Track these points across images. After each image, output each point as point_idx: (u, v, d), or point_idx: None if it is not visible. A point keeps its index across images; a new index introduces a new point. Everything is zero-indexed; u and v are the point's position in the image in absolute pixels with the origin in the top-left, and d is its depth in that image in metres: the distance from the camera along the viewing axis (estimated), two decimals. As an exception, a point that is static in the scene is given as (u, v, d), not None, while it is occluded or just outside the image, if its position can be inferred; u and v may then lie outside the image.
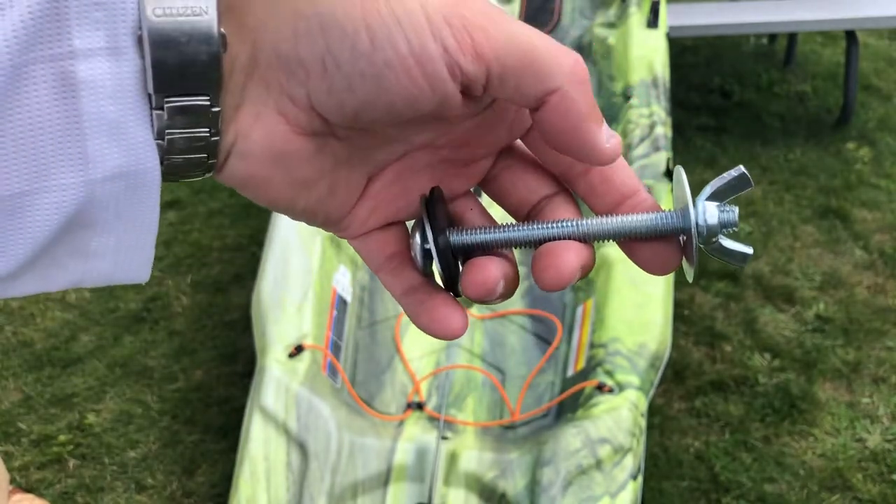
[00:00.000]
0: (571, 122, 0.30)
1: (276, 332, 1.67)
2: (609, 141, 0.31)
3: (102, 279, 0.31)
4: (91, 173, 0.27)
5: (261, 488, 1.47)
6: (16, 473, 1.93)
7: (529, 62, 0.29)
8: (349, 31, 0.28)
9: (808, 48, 4.10)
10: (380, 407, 1.69)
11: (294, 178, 0.32)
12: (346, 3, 0.28)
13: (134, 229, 0.30)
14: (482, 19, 0.28)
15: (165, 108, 0.28)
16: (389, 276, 0.36)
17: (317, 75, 0.29)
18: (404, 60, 0.28)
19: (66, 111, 0.27)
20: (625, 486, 1.46)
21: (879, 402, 2.13)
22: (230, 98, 0.29)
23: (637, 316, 1.69)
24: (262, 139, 0.30)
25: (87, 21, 0.26)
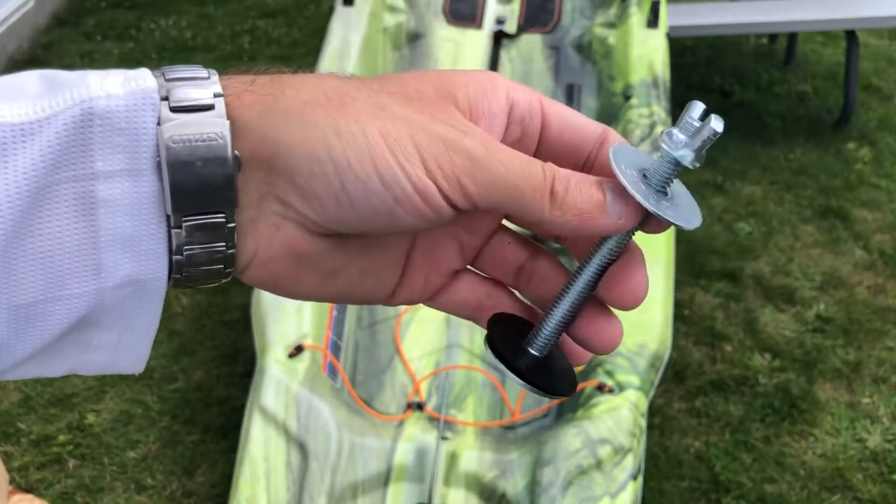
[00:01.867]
0: (570, 232, 0.33)
1: (275, 332, 1.66)
2: (619, 215, 0.33)
3: (98, 370, 0.32)
4: (103, 282, 0.30)
5: (261, 488, 1.47)
6: (15, 473, 1.92)
7: (512, 205, 0.32)
8: (362, 176, 0.30)
9: (809, 48, 4.10)
10: (380, 407, 1.68)
11: (320, 271, 0.34)
12: (355, 149, 0.30)
13: (135, 329, 0.32)
14: (469, 164, 0.31)
15: (183, 226, 0.30)
16: (495, 311, 0.38)
17: (331, 207, 0.31)
18: (412, 197, 0.31)
19: (84, 228, 0.29)
20: (625, 487, 1.46)
21: (880, 403, 2.13)
22: (248, 212, 0.31)
23: (637, 316, 1.69)
24: (284, 245, 0.32)
25: (109, 146, 0.29)
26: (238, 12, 4.58)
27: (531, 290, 0.38)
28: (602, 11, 2.53)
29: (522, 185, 0.31)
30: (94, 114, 0.28)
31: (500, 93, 0.34)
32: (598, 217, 0.32)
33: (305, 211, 0.31)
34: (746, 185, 3.07)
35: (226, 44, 4.19)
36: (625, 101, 2.20)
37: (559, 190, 0.32)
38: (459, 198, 0.31)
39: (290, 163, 0.30)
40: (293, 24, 4.44)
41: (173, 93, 0.30)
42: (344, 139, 0.30)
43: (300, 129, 0.30)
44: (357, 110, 0.31)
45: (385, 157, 0.30)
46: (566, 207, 0.32)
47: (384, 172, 0.30)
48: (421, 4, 2.52)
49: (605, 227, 0.33)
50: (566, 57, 2.45)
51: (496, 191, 0.31)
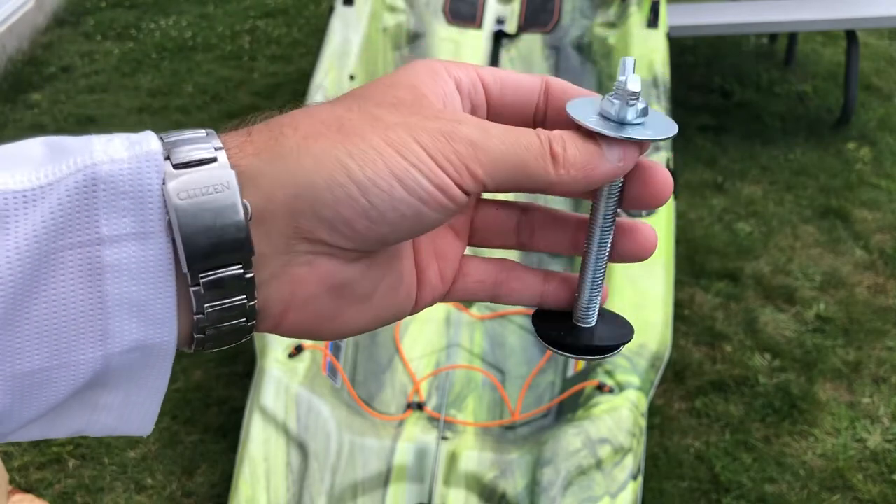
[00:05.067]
0: (579, 187, 0.34)
1: (275, 332, 1.66)
2: (618, 157, 0.34)
3: (105, 431, 0.32)
4: (110, 348, 0.29)
5: (261, 488, 1.47)
6: (15, 473, 1.92)
7: (519, 177, 0.33)
8: (386, 188, 0.31)
9: (809, 48, 4.10)
10: (380, 407, 1.68)
11: (358, 298, 0.34)
12: (370, 164, 0.31)
13: (143, 390, 0.32)
14: (472, 150, 0.32)
15: (201, 282, 0.30)
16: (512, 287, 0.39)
17: (363, 226, 0.31)
18: (434, 195, 0.31)
19: (90, 294, 0.29)
20: (625, 487, 1.46)
21: (880, 403, 2.13)
22: (276, 259, 0.32)
23: (637, 316, 1.69)
24: (320, 281, 0.33)
25: (114, 209, 0.28)
26: (238, 12, 4.58)
27: (539, 242, 0.39)
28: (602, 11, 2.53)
29: (524, 155, 0.32)
30: (97, 178, 0.28)
31: (444, 76, 0.35)
32: (600, 165, 0.33)
33: (336, 241, 0.32)
34: (746, 185, 3.07)
35: (226, 44, 4.19)
36: (625, 101, 2.20)
37: (558, 151, 0.33)
38: (471, 183, 0.32)
39: (312, 197, 0.30)
40: (293, 23, 4.44)
41: (175, 152, 0.30)
42: (358, 159, 0.30)
43: (312, 162, 0.30)
44: (357, 129, 0.31)
45: (400, 164, 0.31)
46: (569, 165, 0.33)
47: (404, 178, 0.31)
48: (421, 4, 2.52)
49: (609, 172, 0.34)
50: (566, 57, 2.45)
51: (502, 168, 0.32)
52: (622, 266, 1.77)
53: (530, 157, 0.32)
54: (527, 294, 0.39)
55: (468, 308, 1.86)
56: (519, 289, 0.39)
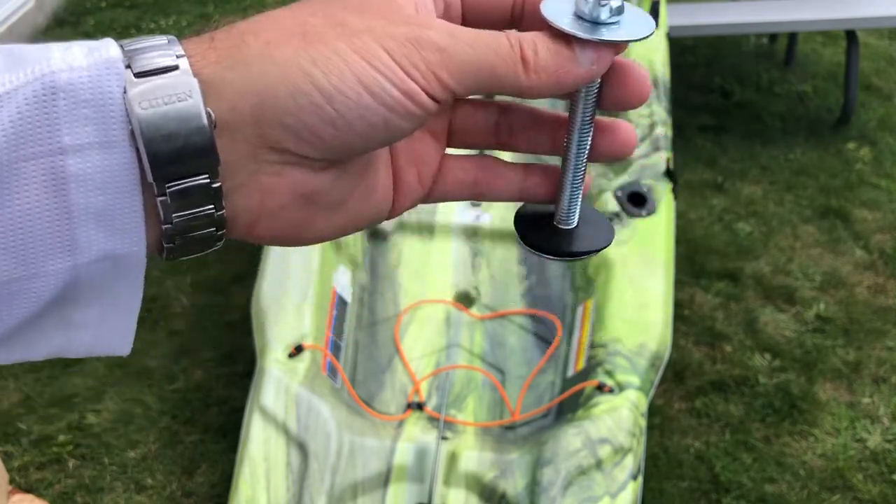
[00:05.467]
0: (551, 92, 0.33)
1: (275, 332, 1.66)
2: (591, 60, 0.33)
3: (84, 350, 0.32)
4: (78, 258, 0.29)
5: (261, 488, 1.47)
6: (15, 473, 1.92)
7: (489, 83, 0.32)
8: (352, 95, 0.30)
9: (809, 48, 4.10)
10: (380, 407, 1.68)
11: (328, 206, 0.34)
12: (336, 71, 0.30)
13: (116, 305, 0.31)
14: (440, 56, 0.31)
15: (167, 192, 0.29)
16: (493, 184, 0.38)
17: (329, 134, 0.31)
18: (401, 101, 0.31)
19: (56, 205, 0.28)
20: (625, 487, 1.46)
21: (880, 403, 2.13)
22: (245, 169, 0.31)
23: (637, 316, 1.69)
24: (289, 190, 0.32)
25: (76, 119, 0.28)
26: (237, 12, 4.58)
27: (518, 142, 0.38)
28: (602, 11, 2.53)
29: (494, 60, 0.31)
30: (57, 87, 0.27)
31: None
32: (572, 69, 0.32)
33: (303, 150, 0.31)
34: (746, 185, 3.07)
35: (226, 44, 4.19)
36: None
37: (529, 55, 0.32)
38: (439, 90, 0.31)
39: (276, 106, 0.30)
40: (293, 24, 4.44)
41: (135, 60, 0.29)
42: (322, 66, 0.30)
43: (275, 70, 0.30)
44: (321, 35, 0.31)
45: (367, 71, 0.30)
46: (540, 69, 0.32)
47: (371, 85, 0.30)
48: None
49: (582, 76, 0.33)
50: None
51: (471, 74, 0.31)
52: (622, 266, 1.77)
53: (500, 62, 0.31)
54: (507, 190, 0.39)
55: (468, 308, 1.86)
56: (499, 185, 0.38)
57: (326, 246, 1.84)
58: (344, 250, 1.88)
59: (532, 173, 0.38)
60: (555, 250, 0.37)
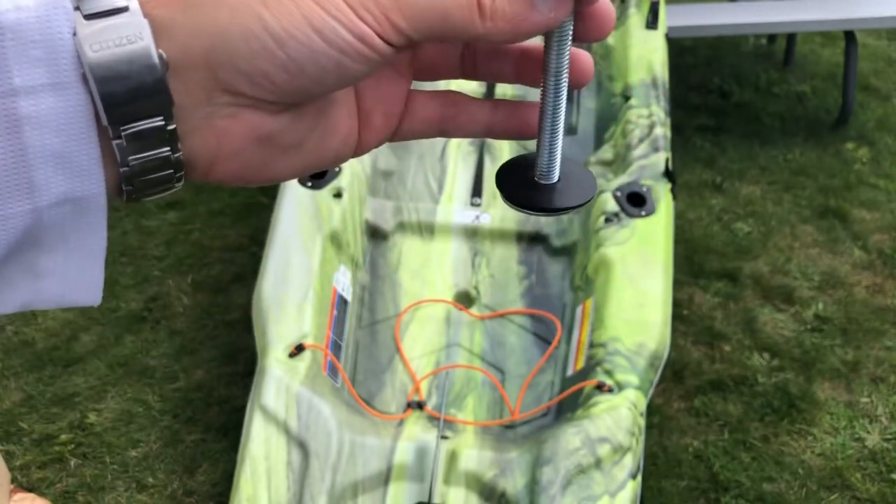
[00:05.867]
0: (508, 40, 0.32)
1: (276, 331, 1.67)
2: (549, 7, 0.32)
3: (53, 300, 0.32)
4: (38, 201, 0.29)
5: (261, 487, 1.47)
6: (17, 473, 1.93)
7: (444, 29, 0.31)
8: (303, 39, 0.30)
9: (808, 48, 4.10)
10: (380, 406, 1.69)
11: (287, 147, 0.34)
12: (288, 15, 0.30)
13: (81, 250, 0.31)
14: (392, 2, 0.30)
15: (122, 135, 0.29)
16: (459, 121, 0.38)
17: (281, 79, 0.30)
18: (354, 45, 0.30)
19: (10, 147, 0.28)
20: (624, 486, 1.46)
21: (878, 402, 2.14)
22: (199, 111, 0.31)
23: (636, 315, 1.70)
24: (245, 133, 0.32)
25: (25, 59, 0.27)
26: None
27: (483, 71, 0.38)
28: (601, 12, 2.53)
29: (449, 6, 0.31)
30: (3, 27, 0.27)
31: None
32: (529, 16, 0.32)
33: (257, 94, 0.31)
34: (745, 185, 3.08)
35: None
36: (624, 102, 2.21)
37: (485, 2, 0.31)
38: (393, 35, 0.31)
39: (228, 49, 0.30)
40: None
41: (84, 2, 0.29)
42: (273, 10, 0.30)
43: (227, 13, 0.29)
44: None
45: (318, 14, 0.30)
46: (497, 17, 0.31)
47: (322, 29, 0.30)
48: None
49: (539, 24, 0.32)
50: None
51: (426, 20, 0.31)
52: (622, 266, 1.78)
53: (455, 8, 0.31)
54: (474, 126, 0.38)
55: (468, 308, 1.87)
56: (466, 122, 0.38)
57: (327, 245, 1.85)
58: (345, 250, 1.89)
59: (500, 108, 0.38)
60: (535, 205, 0.36)
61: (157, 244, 2.72)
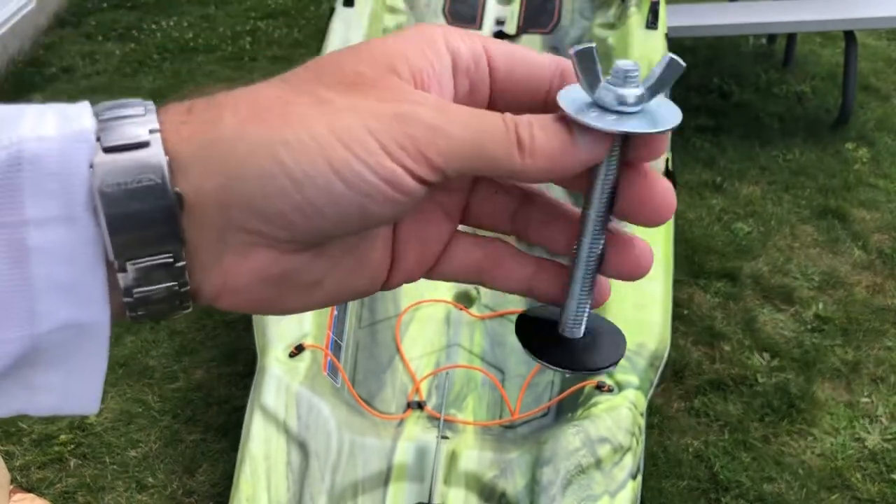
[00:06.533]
0: (546, 177, 0.31)
1: (276, 331, 1.67)
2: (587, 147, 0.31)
3: (49, 411, 0.31)
4: (37, 328, 0.28)
5: (261, 487, 1.47)
6: (17, 473, 1.93)
7: (481, 164, 0.30)
8: (321, 182, 0.28)
9: (807, 48, 4.10)
10: (380, 406, 1.69)
11: (302, 286, 0.32)
12: (307, 157, 0.28)
13: (81, 370, 0.30)
14: (430, 135, 0.29)
15: (129, 269, 0.29)
16: (498, 273, 0.36)
17: (299, 221, 0.29)
18: (379, 188, 0.29)
19: (14, 276, 0.27)
20: (624, 486, 1.46)
21: (878, 402, 2.13)
22: (209, 248, 0.30)
23: (636, 315, 1.70)
24: (254, 272, 0.30)
25: (41, 191, 0.27)
26: (239, 13, 4.59)
27: (534, 235, 0.36)
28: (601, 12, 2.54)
29: (487, 142, 0.30)
30: (23, 158, 0.27)
31: (439, 48, 0.32)
32: (569, 154, 0.30)
33: (274, 233, 0.29)
34: (745, 185, 3.07)
35: (227, 44, 4.19)
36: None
37: (525, 137, 0.30)
38: (427, 172, 0.29)
39: (244, 189, 0.28)
40: (294, 24, 4.45)
41: (106, 133, 0.28)
42: (293, 149, 0.28)
43: (246, 150, 0.28)
44: (301, 114, 0.29)
45: (340, 156, 0.28)
46: (536, 154, 0.30)
47: (343, 171, 0.28)
48: (421, 5, 2.52)
49: (578, 162, 0.31)
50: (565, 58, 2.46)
51: (463, 154, 0.29)
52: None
53: (494, 143, 0.30)
54: (514, 284, 0.36)
55: (468, 308, 1.87)
56: (505, 277, 0.36)
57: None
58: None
59: (544, 270, 0.36)
60: (564, 363, 0.34)
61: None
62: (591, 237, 0.33)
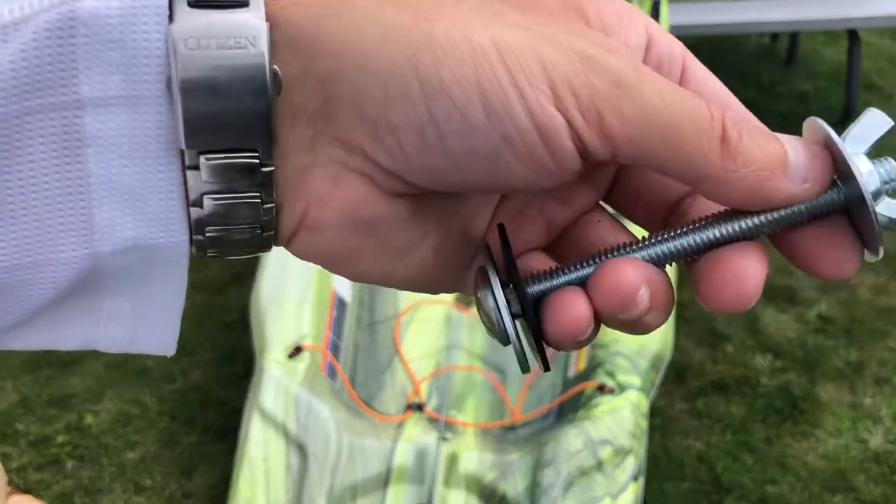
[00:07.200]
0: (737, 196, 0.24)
1: (275, 332, 1.66)
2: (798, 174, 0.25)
3: (120, 346, 0.26)
4: (98, 246, 0.23)
5: (260, 489, 1.46)
6: (14, 475, 1.92)
7: (669, 151, 0.23)
8: (459, 99, 0.22)
9: (811, 47, 4.09)
10: (379, 408, 1.68)
11: (388, 246, 0.26)
12: (454, 62, 0.22)
13: (152, 302, 0.25)
14: (615, 92, 0.22)
15: (203, 166, 0.23)
16: None
17: (413, 146, 0.23)
18: (527, 135, 0.23)
19: (69, 174, 0.22)
20: (626, 488, 1.45)
21: (882, 403, 2.12)
22: (295, 158, 0.24)
23: (638, 316, 1.69)
24: (344, 207, 0.24)
25: (98, 63, 0.21)
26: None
27: None
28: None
29: (685, 125, 0.23)
30: (76, 19, 0.21)
31: (637, 23, 0.26)
32: (776, 177, 0.24)
33: (377, 156, 0.23)
34: (748, 184, 3.07)
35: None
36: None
37: (732, 135, 0.24)
38: (597, 139, 0.23)
39: (358, 83, 0.22)
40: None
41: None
42: (438, 48, 0.22)
43: (377, 35, 0.22)
44: (461, 13, 0.23)
45: (497, 75, 0.22)
46: (741, 159, 0.23)
47: (491, 95, 0.22)
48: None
49: (783, 191, 0.24)
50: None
51: (650, 131, 0.23)
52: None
53: (692, 130, 0.23)
54: None
55: (468, 308, 1.86)
56: None
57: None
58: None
59: None
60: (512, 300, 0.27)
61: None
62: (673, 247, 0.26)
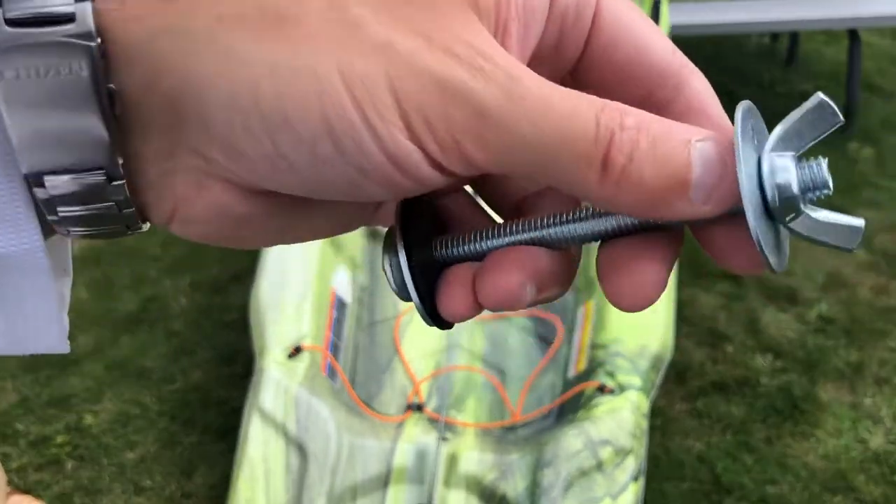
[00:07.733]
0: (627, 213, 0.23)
1: (274, 332, 1.66)
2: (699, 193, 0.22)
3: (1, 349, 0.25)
4: None
5: (259, 490, 1.46)
6: (13, 475, 1.92)
7: (545, 175, 0.22)
8: (305, 136, 0.21)
9: (811, 47, 4.09)
10: (379, 408, 1.68)
11: (268, 230, 0.25)
12: (298, 95, 0.20)
13: (25, 312, 0.24)
14: (476, 123, 0.21)
15: (47, 185, 0.21)
16: None
17: (266, 170, 0.21)
18: (382, 167, 0.21)
19: None
20: (626, 488, 1.45)
21: (882, 403, 2.12)
22: (155, 165, 0.22)
23: (638, 317, 1.69)
24: (210, 207, 0.23)
25: None
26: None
27: None
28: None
29: (561, 151, 0.21)
30: None
31: None
32: (670, 199, 0.22)
33: (234, 168, 0.22)
34: (748, 184, 3.06)
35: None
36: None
37: (617, 160, 0.21)
38: (456, 164, 0.22)
39: (202, 107, 0.21)
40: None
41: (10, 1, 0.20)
42: (281, 80, 0.20)
43: (214, 61, 0.20)
44: (307, 33, 0.20)
45: (344, 109, 0.20)
46: (626, 185, 0.21)
47: (339, 131, 0.20)
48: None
49: (680, 214, 0.22)
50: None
51: (518, 158, 0.21)
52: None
53: (568, 156, 0.21)
54: None
55: (468, 308, 1.86)
56: None
57: (325, 246, 1.84)
58: (343, 251, 1.87)
59: None
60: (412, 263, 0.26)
61: (154, 244, 2.70)
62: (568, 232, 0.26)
